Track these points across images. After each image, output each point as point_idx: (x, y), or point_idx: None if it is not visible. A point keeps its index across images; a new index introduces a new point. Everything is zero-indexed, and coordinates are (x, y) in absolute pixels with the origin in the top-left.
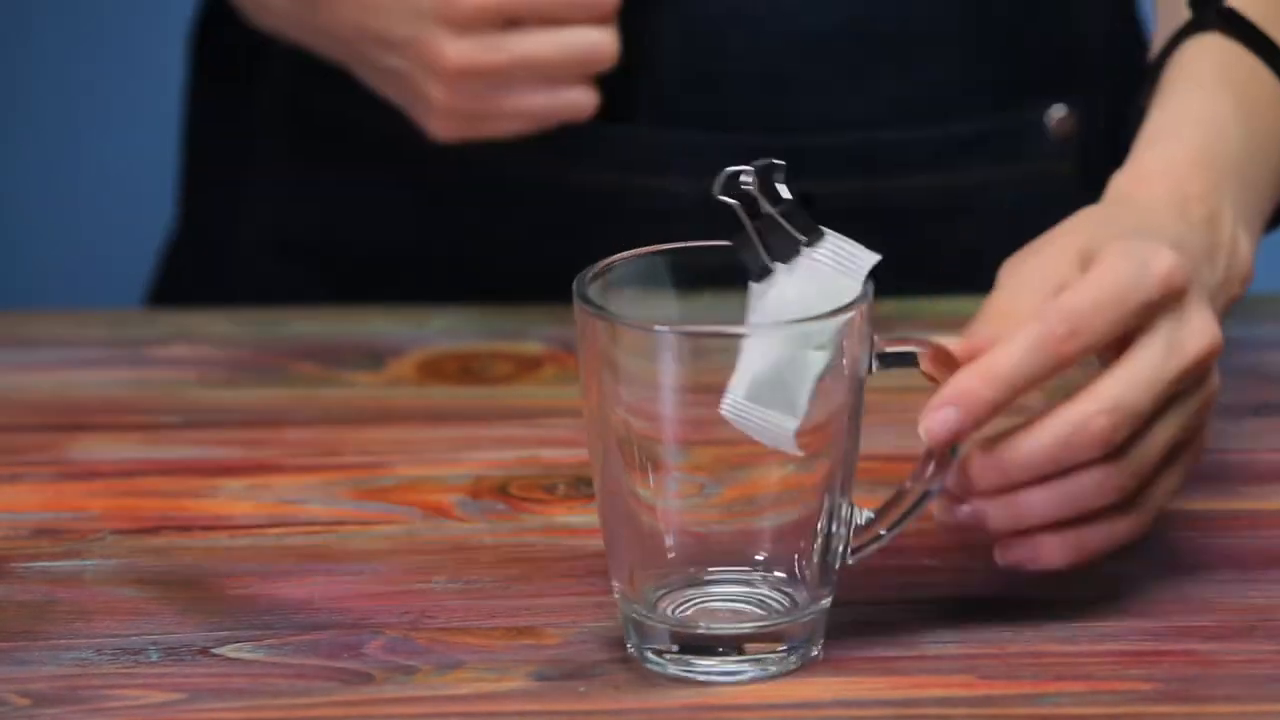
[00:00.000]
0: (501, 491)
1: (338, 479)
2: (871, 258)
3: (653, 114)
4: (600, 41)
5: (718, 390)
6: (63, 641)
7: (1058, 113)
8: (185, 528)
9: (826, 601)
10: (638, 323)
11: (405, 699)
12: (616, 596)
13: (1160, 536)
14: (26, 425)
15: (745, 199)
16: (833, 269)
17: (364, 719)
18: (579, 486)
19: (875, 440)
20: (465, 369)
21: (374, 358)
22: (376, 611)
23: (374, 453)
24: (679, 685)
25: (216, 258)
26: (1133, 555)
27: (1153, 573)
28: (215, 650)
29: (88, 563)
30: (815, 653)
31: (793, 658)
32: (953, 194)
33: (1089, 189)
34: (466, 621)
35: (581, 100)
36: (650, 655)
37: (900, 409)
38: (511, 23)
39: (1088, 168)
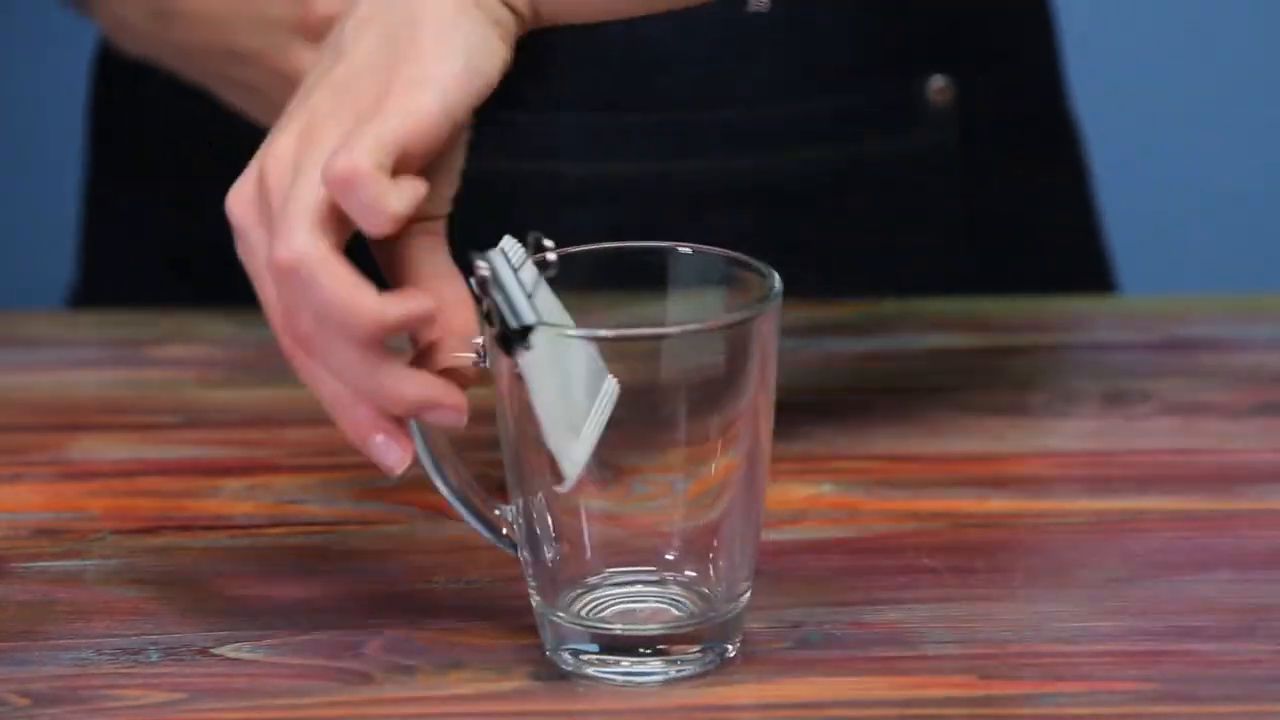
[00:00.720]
0: (502, 491)
1: (338, 479)
2: (504, 244)
3: (539, 99)
4: None
5: (633, 389)
6: (63, 641)
7: (936, 84)
8: (185, 528)
9: (744, 599)
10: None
11: (405, 699)
12: (533, 600)
13: (1160, 536)
14: (26, 425)
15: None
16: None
17: (364, 719)
18: None
19: (875, 440)
20: None
21: None
22: (376, 611)
23: None
24: (678, 685)
25: (114, 273)
26: (1132, 556)
27: (1153, 573)
28: (215, 650)
29: (88, 563)
30: (732, 652)
31: (710, 657)
32: (837, 169)
33: (972, 162)
34: (466, 621)
35: None
36: (566, 657)
37: (899, 409)
38: None
39: (970, 141)
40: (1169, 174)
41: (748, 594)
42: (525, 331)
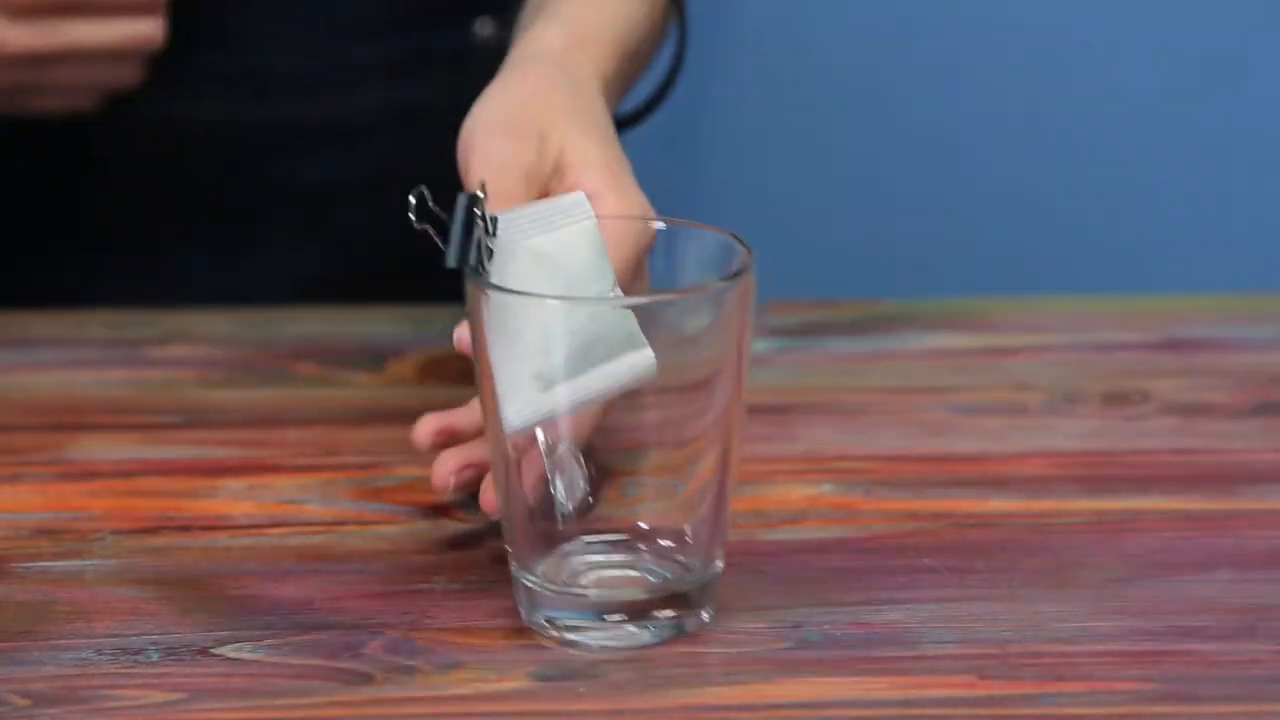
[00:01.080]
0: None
1: (338, 479)
2: (573, 197)
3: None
4: (149, 32)
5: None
6: (63, 641)
7: (485, 26)
8: (185, 528)
9: (718, 565)
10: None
11: (405, 699)
12: (511, 566)
13: (1160, 536)
14: (26, 425)
15: (435, 221)
16: (547, 226)
17: (364, 719)
18: None
19: (876, 440)
20: (465, 369)
21: (374, 358)
22: (376, 611)
23: (374, 453)
24: (678, 685)
25: None
26: (1132, 556)
27: (1153, 573)
28: (215, 650)
29: (88, 563)
30: (707, 617)
31: (685, 622)
32: (403, 109)
33: None
34: (466, 621)
35: (126, 76)
36: (541, 622)
37: (900, 409)
38: (67, 9)
39: None
40: (1168, 174)
41: (721, 560)
42: (450, 272)
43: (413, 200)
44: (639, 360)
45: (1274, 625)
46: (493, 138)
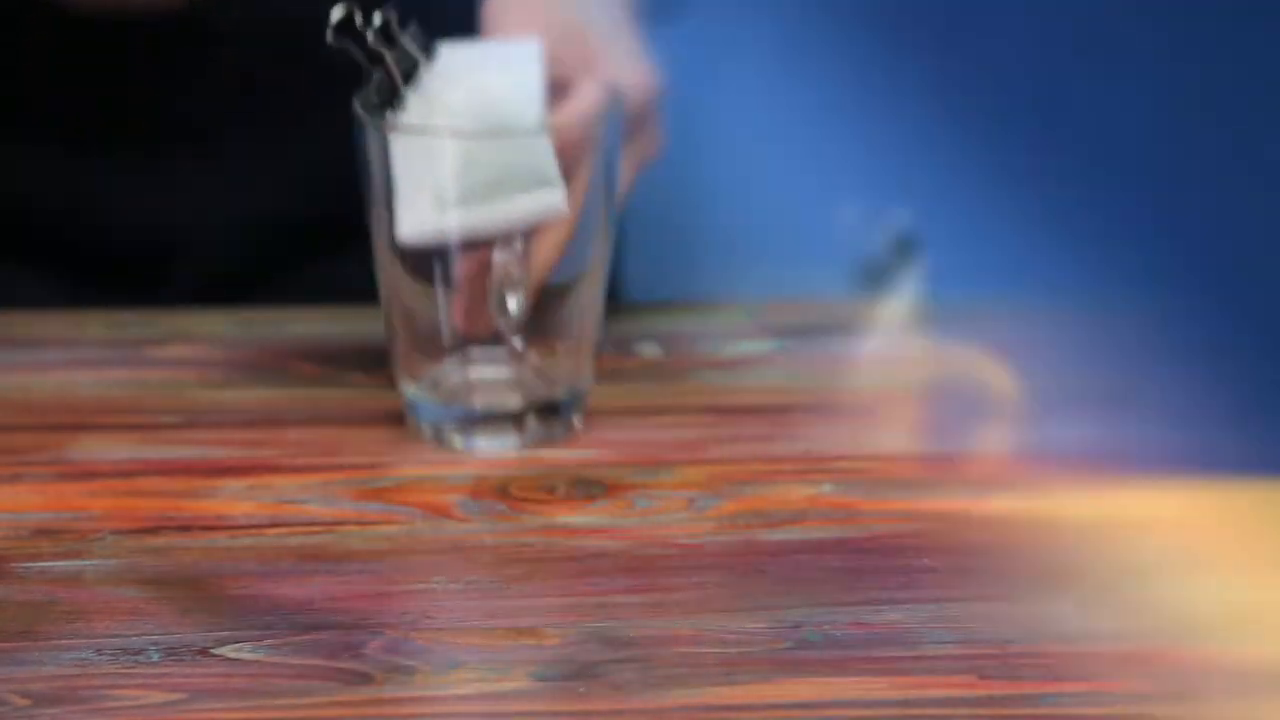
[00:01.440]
0: (501, 492)
1: (338, 479)
2: (526, 46)
3: None
4: None
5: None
6: (63, 641)
7: None
8: (185, 528)
9: (588, 378)
10: (414, 127)
11: (405, 699)
12: (400, 384)
13: (1161, 536)
14: (26, 425)
15: (358, 39)
16: (493, 65)
17: (364, 719)
18: (579, 486)
19: (875, 440)
20: None
21: (374, 358)
22: (376, 611)
23: (374, 453)
24: (678, 685)
25: None
26: (1132, 556)
27: (1153, 573)
28: (215, 650)
29: (88, 563)
30: (578, 424)
31: (557, 429)
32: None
33: None
34: (466, 621)
35: None
36: (427, 430)
37: (899, 409)
38: None
39: None
40: (1168, 173)
41: (590, 374)
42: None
43: (336, 16)
44: (549, 197)
45: (1274, 625)
46: (508, 14)
